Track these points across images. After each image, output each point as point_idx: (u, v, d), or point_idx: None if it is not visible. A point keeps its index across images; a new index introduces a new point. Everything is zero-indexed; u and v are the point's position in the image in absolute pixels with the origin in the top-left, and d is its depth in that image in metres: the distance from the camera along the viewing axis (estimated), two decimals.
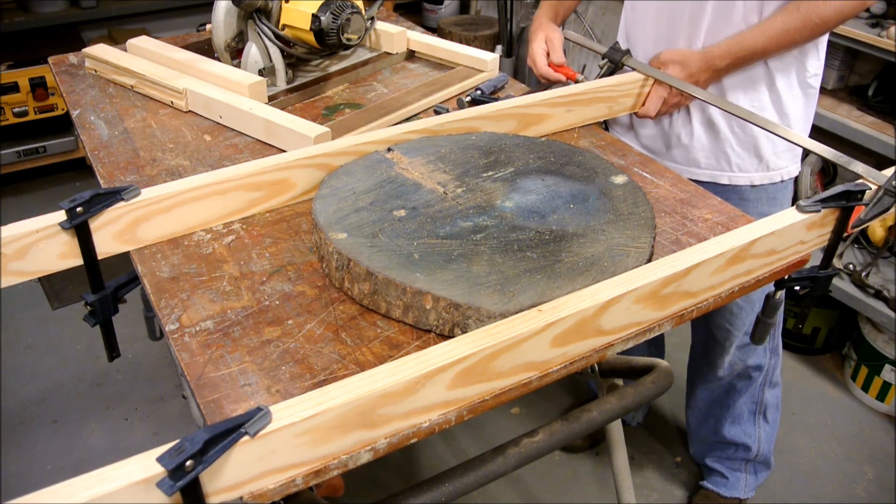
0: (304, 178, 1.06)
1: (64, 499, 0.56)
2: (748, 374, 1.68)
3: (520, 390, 0.78)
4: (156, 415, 2.11)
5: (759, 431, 1.77)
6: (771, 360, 1.68)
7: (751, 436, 1.77)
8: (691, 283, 0.87)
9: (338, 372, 0.77)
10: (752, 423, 1.76)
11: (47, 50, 2.02)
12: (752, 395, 1.72)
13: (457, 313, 0.80)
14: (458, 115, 1.18)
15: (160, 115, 1.31)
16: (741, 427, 1.77)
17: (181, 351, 0.79)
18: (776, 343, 1.67)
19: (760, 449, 1.80)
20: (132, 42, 1.47)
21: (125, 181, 1.11)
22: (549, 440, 0.88)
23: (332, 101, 1.41)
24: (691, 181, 1.17)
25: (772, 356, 1.68)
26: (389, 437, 0.71)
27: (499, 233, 0.91)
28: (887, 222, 2.13)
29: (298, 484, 0.67)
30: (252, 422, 0.62)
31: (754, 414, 1.75)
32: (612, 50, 1.38)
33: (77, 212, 0.88)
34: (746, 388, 1.71)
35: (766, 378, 1.70)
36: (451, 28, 3.41)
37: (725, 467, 1.86)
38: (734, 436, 1.78)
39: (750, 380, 1.69)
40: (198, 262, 0.94)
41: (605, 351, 0.84)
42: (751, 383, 1.70)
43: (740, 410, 1.75)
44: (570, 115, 1.29)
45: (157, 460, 0.58)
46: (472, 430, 2.07)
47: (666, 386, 0.99)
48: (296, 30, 1.40)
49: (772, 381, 1.72)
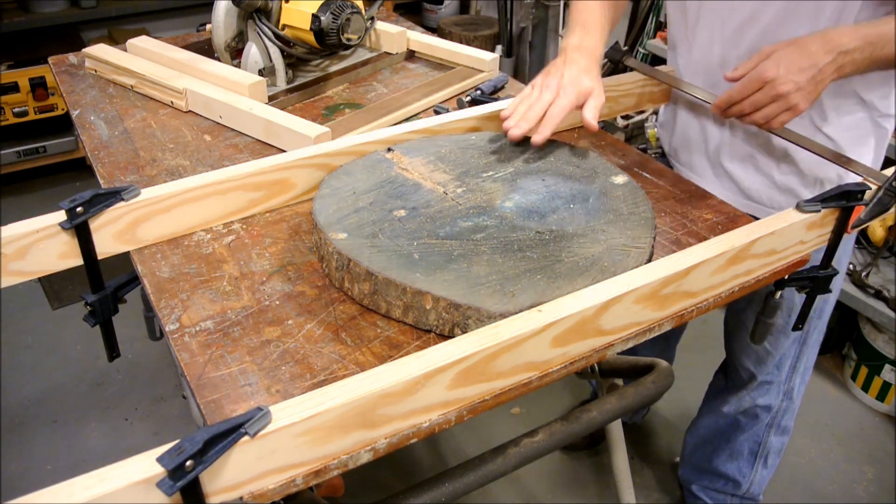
0: (304, 178, 1.06)
1: (64, 499, 0.56)
2: (755, 413, 1.57)
3: (520, 390, 0.78)
4: (156, 415, 2.11)
5: (755, 475, 1.67)
6: (783, 403, 1.55)
7: (745, 476, 1.68)
8: (691, 283, 0.87)
9: (338, 372, 0.77)
10: (750, 465, 1.66)
11: (47, 50, 2.03)
12: (754, 435, 1.61)
13: (457, 313, 0.80)
14: (458, 115, 1.18)
15: (160, 115, 1.31)
16: (737, 464, 1.67)
17: (181, 351, 0.79)
18: (791, 386, 1.52)
19: (751, 489, 1.70)
20: (132, 42, 1.47)
21: (125, 181, 1.11)
22: (549, 440, 0.88)
23: (332, 101, 1.41)
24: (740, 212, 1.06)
25: (785, 399, 1.54)
26: (389, 437, 0.71)
27: (499, 233, 0.91)
28: (887, 222, 2.13)
29: (298, 484, 0.67)
30: (252, 422, 0.62)
31: (755, 455, 1.64)
32: (612, 50, 1.38)
33: (77, 212, 0.88)
34: (750, 426, 1.59)
35: (775, 421, 1.58)
36: (451, 28, 3.41)
37: (710, 499, 1.76)
38: (728, 470, 1.68)
39: (756, 419, 1.58)
40: (198, 262, 0.94)
41: (605, 351, 0.84)
42: (756, 422, 1.58)
43: (740, 448, 1.64)
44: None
45: (157, 460, 0.58)
46: (472, 430, 2.07)
47: (666, 386, 0.99)
48: (296, 30, 1.40)
49: (780, 425, 1.59)
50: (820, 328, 1.43)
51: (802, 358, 1.47)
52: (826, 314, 1.42)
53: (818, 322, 1.42)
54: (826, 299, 1.37)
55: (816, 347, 1.47)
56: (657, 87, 1.37)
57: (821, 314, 1.41)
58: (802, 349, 1.45)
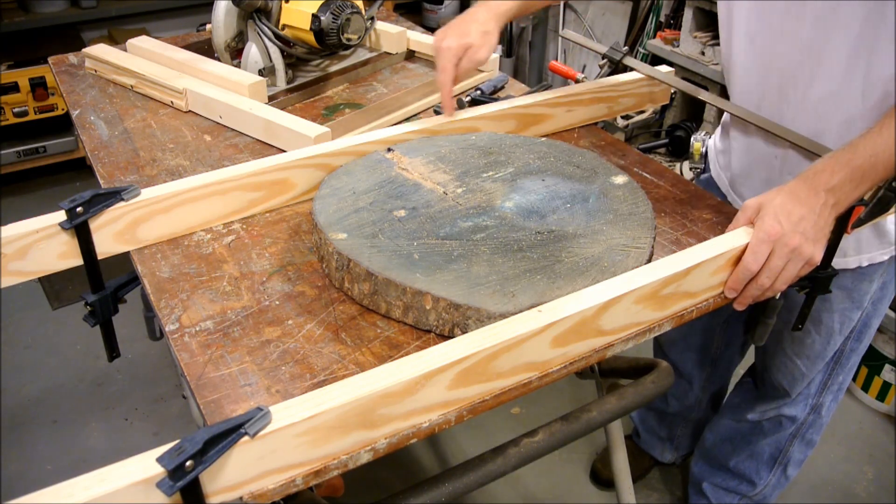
0: (304, 178, 1.06)
1: (64, 499, 0.56)
2: (779, 421, 1.53)
3: (520, 390, 0.78)
4: (156, 415, 2.11)
5: (772, 478, 1.63)
6: (809, 417, 1.50)
7: (762, 478, 1.63)
8: (691, 283, 0.87)
9: (338, 372, 0.77)
10: (769, 468, 1.61)
11: (47, 50, 2.02)
12: (777, 441, 1.57)
13: (457, 313, 0.80)
14: (458, 115, 1.18)
15: (160, 115, 1.31)
16: (756, 465, 1.63)
17: (181, 351, 0.79)
18: (820, 402, 1.47)
19: (764, 493, 1.66)
20: (132, 42, 1.47)
21: (125, 181, 1.11)
22: (549, 440, 0.88)
23: (332, 101, 1.41)
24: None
25: (812, 413, 1.49)
26: (389, 437, 0.71)
27: (499, 233, 0.91)
28: None
29: (298, 484, 0.67)
30: (252, 422, 0.62)
31: (775, 460, 1.60)
32: (612, 50, 1.38)
33: (77, 212, 0.88)
34: (773, 432, 1.56)
35: (800, 432, 1.54)
36: None
37: (717, 499, 1.73)
38: (745, 469, 1.64)
39: (780, 426, 1.54)
40: (198, 262, 0.94)
41: (605, 351, 0.84)
42: (779, 430, 1.55)
43: (761, 450, 1.61)
44: (570, 115, 1.29)
45: (157, 460, 0.58)
46: (472, 430, 2.07)
47: (666, 386, 0.99)
48: (296, 30, 1.40)
49: (805, 437, 1.54)
50: (859, 350, 1.39)
51: (836, 377, 1.43)
52: (866, 338, 1.37)
53: (856, 345, 1.37)
54: (867, 323, 1.33)
55: (853, 370, 1.43)
56: (657, 87, 1.37)
57: (860, 337, 1.36)
58: (836, 368, 1.41)
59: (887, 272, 1.25)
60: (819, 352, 1.37)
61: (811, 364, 1.40)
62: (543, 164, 1.07)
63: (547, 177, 1.04)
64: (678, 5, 2.66)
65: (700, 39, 2.46)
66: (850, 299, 1.27)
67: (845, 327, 1.33)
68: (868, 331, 1.36)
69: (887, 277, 1.27)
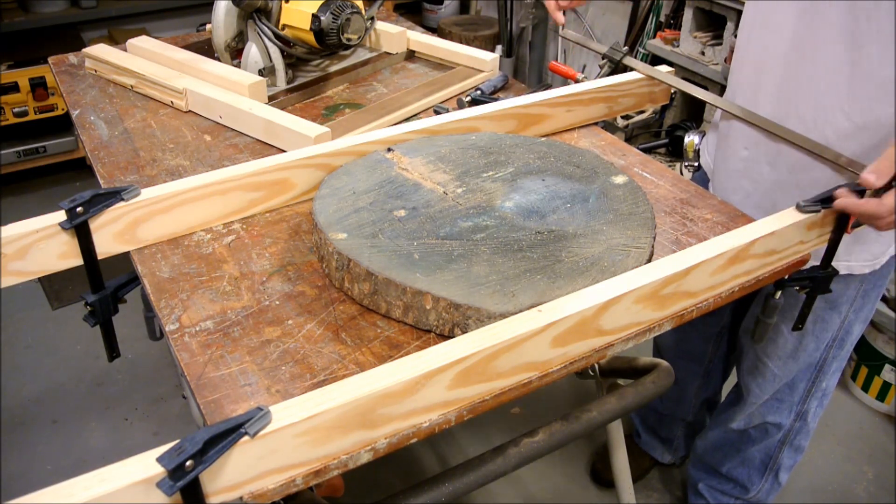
0: (304, 178, 1.06)
1: (64, 499, 0.56)
2: (765, 428, 1.56)
3: (520, 390, 0.78)
4: (156, 415, 2.11)
5: (765, 484, 1.65)
6: (796, 423, 1.53)
7: (754, 483, 1.66)
8: (691, 283, 0.87)
9: (338, 372, 0.77)
10: (761, 474, 1.64)
11: (47, 50, 2.02)
12: (766, 448, 1.59)
13: (457, 313, 0.80)
14: (458, 115, 1.18)
15: (160, 115, 1.31)
16: (748, 471, 1.65)
17: (181, 351, 0.79)
18: (806, 409, 1.50)
19: (759, 497, 1.68)
20: (132, 42, 1.47)
21: (125, 181, 1.11)
22: (549, 440, 0.88)
23: (332, 101, 1.41)
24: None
25: (798, 420, 1.52)
26: (389, 437, 0.71)
27: (499, 233, 0.91)
28: None
29: (298, 484, 0.67)
30: (252, 422, 0.62)
31: (766, 466, 1.62)
32: (612, 50, 1.38)
33: (77, 212, 0.88)
34: (762, 438, 1.58)
35: (787, 438, 1.56)
36: (451, 28, 3.41)
37: (714, 499, 1.74)
38: (738, 475, 1.67)
39: (766, 433, 1.57)
40: (198, 262, 0.94)
41: (605, 351, 0.84)
42: (766, 437, 1.57)
43: (752, 456, 1.63)
44: (570, 115, 1.29)
45: (157, 460, 0.58)
46: (472, 430, 2.07)
47: (666, 386, 0.99)
48: (296, 30, 1.40)
49: (794, 443, 1.57)
50: (841, 357, 1.40)
51: (819, 384, 1.44)
52: (848, 344, 1.38)
53: (838, 351, 1.38)
54: (849, 330, 1.34)
55: (836, 375, 1.44)
56: (657, 87, 1.37)
57: (842, 344, 1.37)
58: (819, 375, 1.42)
59: (868, 282, 1.26)
60: (791, 352, 1.38)
61: (783, 365, 1.40)
62: (543, 164, 1.07)
63: (547, 177, 1.04)
64: (678, 5, 2.66)
65: (700, 39, 2.46)
66: (823, 299, 1.27)
67: (819, 328, 1.33)
68: (850, 338, 1.37)
69: (868, 286, 1.27)
